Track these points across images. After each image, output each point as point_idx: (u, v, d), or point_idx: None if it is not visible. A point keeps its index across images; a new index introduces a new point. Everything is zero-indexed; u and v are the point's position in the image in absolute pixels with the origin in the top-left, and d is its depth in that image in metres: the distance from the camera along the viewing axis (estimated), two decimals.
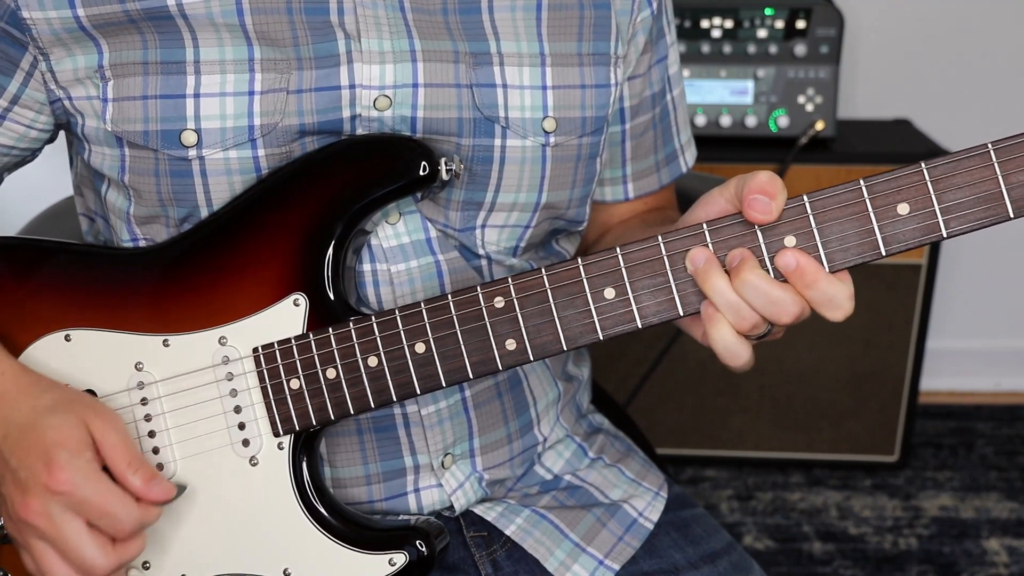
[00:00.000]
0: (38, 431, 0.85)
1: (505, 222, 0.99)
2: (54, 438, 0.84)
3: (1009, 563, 2.10)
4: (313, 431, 0.92)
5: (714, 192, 0.85)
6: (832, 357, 2.23)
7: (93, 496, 0.83)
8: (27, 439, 0.85)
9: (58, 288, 0.95)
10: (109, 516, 0.83)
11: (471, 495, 1.03)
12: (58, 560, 0.84)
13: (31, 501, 0.83)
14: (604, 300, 0.85)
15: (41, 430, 0.85)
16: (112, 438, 0.86)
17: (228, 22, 0.91)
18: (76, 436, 0.84)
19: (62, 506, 0.83)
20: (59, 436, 0.84)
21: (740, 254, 0.82)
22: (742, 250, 0.82)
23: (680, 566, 1.05)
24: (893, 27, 2.45)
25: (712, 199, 0.85)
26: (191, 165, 0.92)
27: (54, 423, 0.85)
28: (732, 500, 2.29)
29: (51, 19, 0.91)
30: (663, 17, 1.08)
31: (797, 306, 0.81)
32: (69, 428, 0.85)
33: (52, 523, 0.83)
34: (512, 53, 0.96)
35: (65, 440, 0.84)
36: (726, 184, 0.84)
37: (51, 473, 0.83)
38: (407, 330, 0.88)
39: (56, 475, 0.82)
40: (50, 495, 0.83)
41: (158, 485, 0.86)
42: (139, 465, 0.85)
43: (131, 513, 0.84)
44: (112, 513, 0.83)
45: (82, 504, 0.83)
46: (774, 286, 0.81)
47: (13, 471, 0.85)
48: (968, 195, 0.80)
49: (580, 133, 1.00)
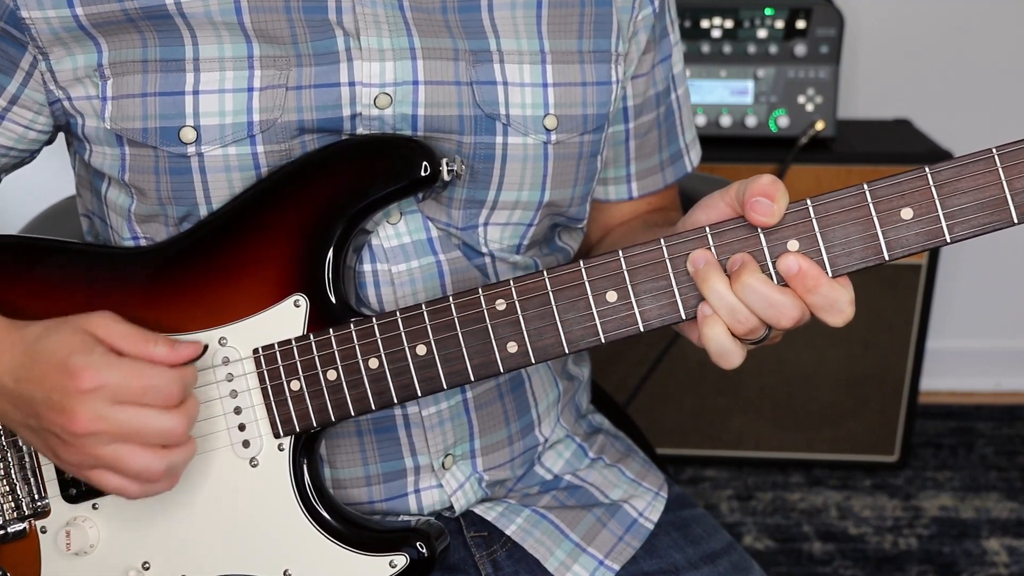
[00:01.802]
0: (43, 356, 0.85)
1: (508, 220, 0.99)
2: (61, 351, 0.84)
3: (1009, 563, 2.10)
4: (313, 432, 0.92)
5: (714, 195, 0.85)
6: (832, 357, 2.23)
7: (126, 377, 0.83)
8: (36, 369, 0.85)
9: (58, 287, 0.95)
10: (153, 388, 0.83)
11: (471, 496, 1.03)
12: (134, 448, 0.84)
13: (77, 414, 0.82)
14: (606, 303, 0.85)
15: (45, 354, 0.85)
16: (115, 328, 0.86)
17: (226, 20, 0.91)
18: (79, 339, 0.84)
19: (106, 400, 0.83)
20: (64, 346, 0.84)
21: (741, 258, 0.82)
22: (743, 254, 0.82)
23: (680, 566, 1.05)
24: (893, 27, 2.45)
25: (712, 203, 0.85)
26: (190, 162, 0.92)
27: (52, 340, 0.85)
28: (732, 500, 2.29)
29: (50, 18, 0.91)
30: (666, 16, 1.07)
31: (797, 310, 0.81)
32: (69, 336, 0.85)
33: (107, 419, 0.83)
34: (512, 51, 0.96)
35: (72, 345, 0.84)
36: (727, 188, 0.84)
37: (77, 377, 0.82)
38: (408, 332, 0.88)
39: (82, 376, 0.82)
40: (88, 396, 0.82)
41: (183, 346, 0.87)
42: (154, 337, 0.86)
43: (170, 376, 0.85)
44: (153, 384, 0.84)
45: (121, 389, 0.83)
46: (774, 290, 0.81)
47: (43, 401, 0.84)
48: (972, 200, 0.79)
49: (582, 131, 1.00)
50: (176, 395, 0.85)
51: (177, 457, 0.86)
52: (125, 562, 0.94)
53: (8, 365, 0.87)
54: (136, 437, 0.83)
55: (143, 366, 0.84)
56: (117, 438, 0.83)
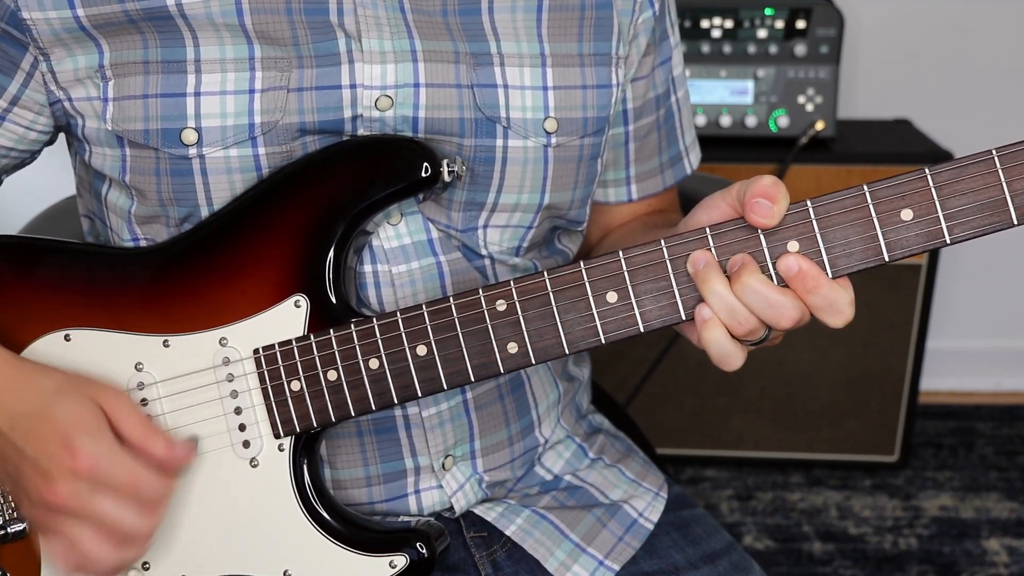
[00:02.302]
0: (49, 417, 0.85)
1: (507, 223, 0.99)
2: (70, 421, 0.84)
3: (1009, 563, 2.10)
4: (314, 432, 0.92)
5: (715, 196, 0.85)
6: (832, 357, 2.23)
7: (120, 474, 0.84)
8: (40, 426, 0.85)
9: (58, 287, 0.95)
10: (138, 490, 0.84)
11: (471, 496, 1.03)
12: (94, 536, 0.84)
13: (58, 487, 0.83)
14: (606, 304, 0.85)
15: (52, 415, 0.85)
16: (125, 412, 0.86)
17: (228, 22, 0.91)
18: (91, 417, 0.85)
19: (90, 486, 0.83)
20: (74, 419, 0.84)
21: (741, 259, 0.82)
22: (743, 255, 0.82)
23: (680, 566, 1.05)
24: (893, 27, 2.45)
25: (713, 203, 0.85)
26: (191, 164, 0.92)
27: (65, 406, 0.85)
28: (732, 500, 2.29)
29: (51, 19, 0.91)
30: (666, 19, 1.07)
31: (797, 310, 0.81)
32: (82, 409, 0.85)
33: (82, 503, 0.83)
34: (512, 54, 0.96)
35: (81, 422, 0.84)
36: (728, 188, 0.84)
37: (75, 457, 0.83)
38: (408, 332, 0.88)
39: (81, 459, 0.83)
40: (76, 477, 0.83)
41: (179, 447, 0.87)
42: (156, 433, 0.86)
43: (159, 485, 0.86)
44: (141, 487, 0.84)
45: (109, 478, 0.83)
46: (774, 290, 0.81)
47: (31, 460, 0.84)
48: (972, 201, 0.79)
49: (582, 133, 1.00)
50: (156, 501, 0.86)
51: (130, 556, 0.87)
52: None
53: (9, 408, 0.87)
54: (101, 525, 0.84)
55: (139, 467, 0.85)
56: (84, 521, 0.84)
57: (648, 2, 1.03)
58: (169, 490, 0.87)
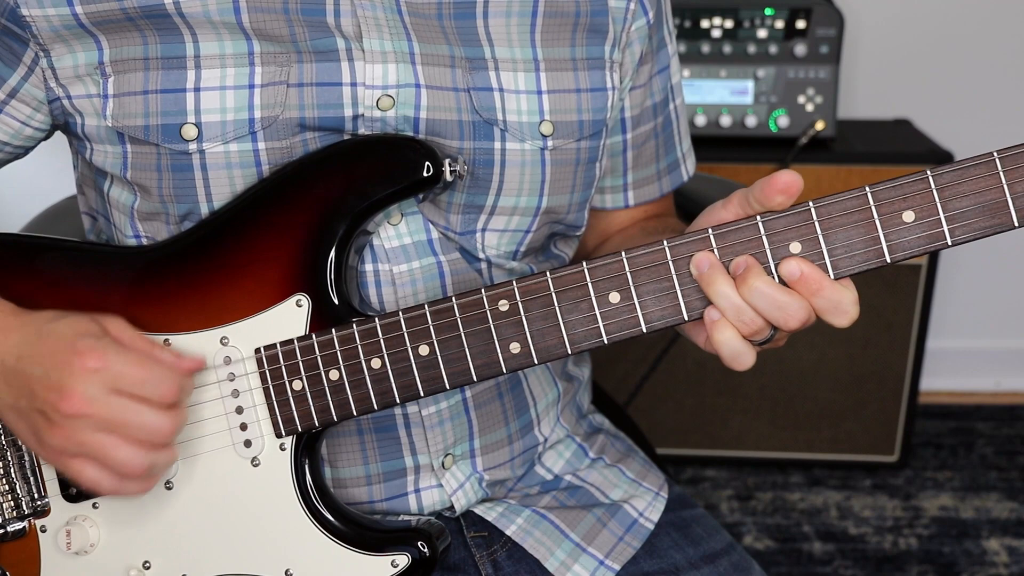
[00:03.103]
0: (52, 335, 0.84)
1: (506, 226, 0.99)
2: (71, 333, 0.84)
3: (1009, 563, 2.10)
4: (315, 432, 0.92)
5: (716, 205, 0.85)
6: (832, 357, 2.23)
7: (128, 365, 0.83)
8: (43, 346, 0.84)
9: (59, 286, 0.95)
10: (151, 380, 0.83)
11: (471, 495, 1.03)
12: (118, 441, 0.83)
13: (73, 393, 0.82)
14: (609, 304, 0.85)
15: (55, 333, 0.84)
16: (125, 329, 0.86)
17: (225, 20, 0.91)
18: (91, 326, 0.84)
19: (103, 385, 0.82)
20: (74, 329, 0.84)
21: (745, 261, 0.82)
22: (747, 257, 0.82)
23: (680, 566, 1.05)
24: (893, 27, 2.45)
25: (714, 212, 0.85)
26: (191, 159, 0.92)
27: (64, 323, 0.85)
28: (732, 500, 2.29)
29: (50, 16, 0.91)
30: (664, 27, 1.08)
31: (804, 311, 0.81)
32: (83, 322, 0.85)
33: (99, 404, 0.82)
34: (506, 59, 0.97)
35: (82, 330, 0.84)
36: (728, 198, 0.84)
37: (82, 356, 0.82)
38: (411, 332, 0.88)
39: (87, 355, 0.82)
40: (88, 376, 0.82)
41: (187, 356, 0.88)
42: (161, 344, 0.87)
43: (171, 375, 0.84)
44: (153, 377, 0.83)
45: (120, 376, 0.82)
46: (781, 291, 0.81)
47: (40, 379, 0.83)
48: (973, 204, 0.79)
49: (578, 137, 1.00)
50: (172, 394, 0.84)
51: (160, 459, 0.85)
52: (126, 561, 0.94)
53: (12, 343, 0.86)
54: (123, 428, 0.83)
55: (147, 359, 0.84)
56: (104, 426, 0.82)
57: (642, 10, 1.03)
58: (183, 387, 0.85)
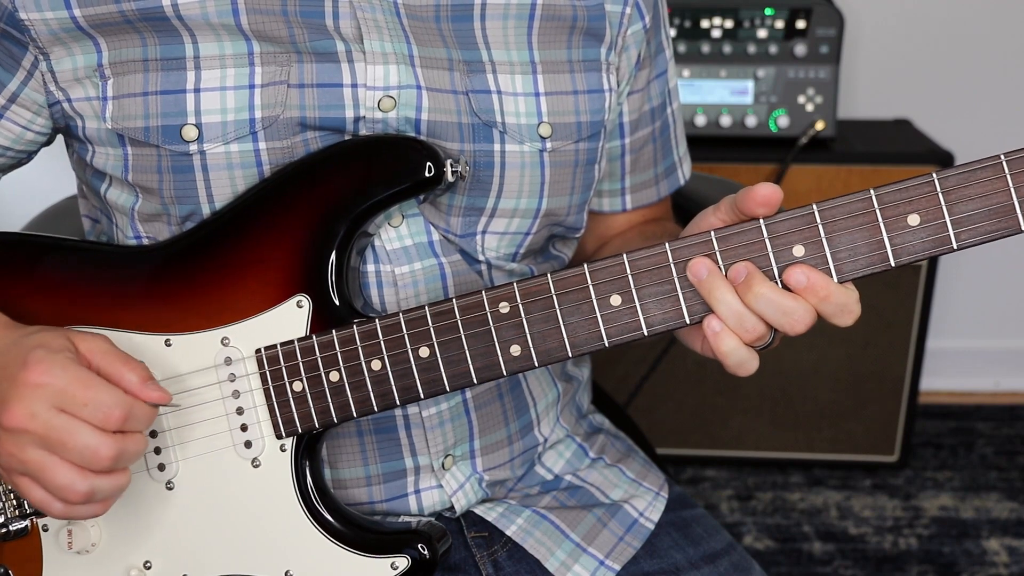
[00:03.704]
0: (16, 347, 0.82)
1: (506, 229, 0.99)
2: (31, 344, 0.81)
3: (1009, 563, 2.10)
4: (315, 433, 0.92)
5: (707, 211, 0.85)
6: (832, 357, 2.23)
7: (72, 383, 0.79)
8: (8, 355, 0.82)
9: (60, 285, 0.95)
10: (94, 402, 0.79)
11: (472, 496, 1.03)
12: (60, 464, 0.80)
13: (13, 406, 0.79)
14: (610, 307, 0.85)
15: (20, 345, 0.82)
16: (100, 345, 0.83)
17: (224, 22, 0.91)
18: (57, 340, 0.82)
19: (45, 401, 0.79)
20: (37, 341, 0.82)
21: (745, 267, 0.81)
22: (746, 264, 0.81)
23: (681, 566, 1.05)
24: (893, 27, 2.45)
25: (705, 219, 0.85)
26: (192, 160, 0.92)
27: (36, 336, 0.83)
28: (732, 500, 2.29)
29: (48, 20, 0.91)
30: (661, 32, 1.08)
31: (810, 315, 0.81)
32: (50, 335, 0.82)
33: (38, 421, 0.79)
34: (504, 61, 0.97)
35: (44, 342, 0.81)
36: (718, 204, 0.84)
37: (28, 368, 0.79)
38: (411, 334, 0.88)
39: (33, 369, 0.79)
40: (29, 391, 0.79)
41: (154, 386, 0.83)
42: (135, 365, 0.83)
43: (118, 399, 0.80)
44: (97, 399, 0.79)
45: (63, 393, 0.79)
46: (786, 297, 0.80)
47: None
48: (979, 207, 0.78)
49: (576, 138, 1.00)
50: (115, 419, 0.80)
51: (102, 484, 0.81)
52: (127, 561, 0.94)
53: None
54: (60, 448, 0.79)
55: (94, 380, 0.81)
56: (44, 444, 0.79)
57: (638, 15, 1.04)
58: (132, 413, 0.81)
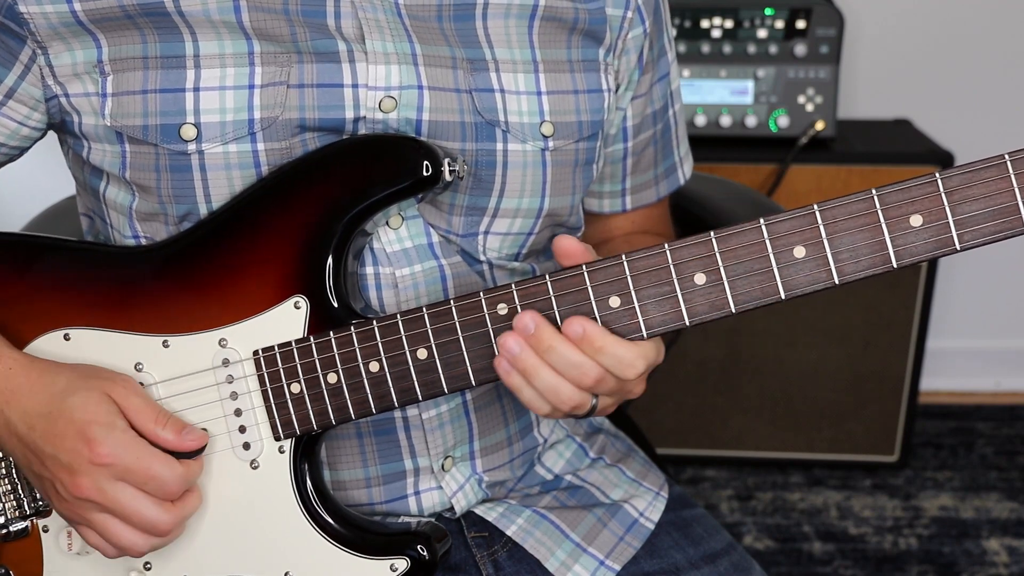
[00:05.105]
0: (65, 415, 0.87)
1: (508, 229, 0.99)
2: (84, 417, 0.86)
3: (1009, 563, 2.10)
4: (314, 435, 0.92)
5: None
6: (832, 357, 2.23)
7: (135, 463, 0.86)
8: (56, 425, 0.87)
9: (58, 286, 0.95)
10: (155, 479, 0.87)
11: (471, 497, 1.03)
12: (122, 526, 0.88)
13: (81, 480, 0.86)
14: (609, 308, 0.84)
15: (68, 413, 0.87)
16: (134, 401, 0.88)
17: (225, 19, 0.91)
18: (103, 409, 0.87)
19: (110, 477, 0.86)
20: (87, 414, 0.86)
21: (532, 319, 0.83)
22: (531, 313, 0.83)
23: (681, 566, 1.05)
24: (893, 27, 2.45)
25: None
26: (190, 160, 0.92)
27: (78, 403, 0.87)
28: (732, 500, 2.29)
29: (48, 13, 0.91)
30: (664, 35, 1.08)
31: (596, 369, 0.83)
32: (94, 404, 0.87)
33: (105, 494, 0.86)
34: (506, 60, 0.97)
35: (95, 416, 0.86)
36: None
37: (92, 449, 0.85)
38: (409, 335, 0.87)
39: (97, 450, 0.85)
40: (96, 469, 0.86)
41: (189, 434, 0.89)
42: (166, 419, 0.89)
43: (174, 471, 0.88)
44: (156, 476, 0.87)
45: (127, 472, 0.86)
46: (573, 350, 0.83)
47: (53, 457, 0.87)
48: (983, 207, 0.77)
49: (577, 138, 1.00)
50: (174, 492, 0.88)
51: (160, 543, 0.90)
52: (127, 562, 0.94)
53: (23, 410, 0.89)
54: (124, 515, 0.87)
55: (155, 455, 0.87)
56: (109, 511, 0.87)
57: (639, 19, 1.04)
58: (184, 477, 0.88)
